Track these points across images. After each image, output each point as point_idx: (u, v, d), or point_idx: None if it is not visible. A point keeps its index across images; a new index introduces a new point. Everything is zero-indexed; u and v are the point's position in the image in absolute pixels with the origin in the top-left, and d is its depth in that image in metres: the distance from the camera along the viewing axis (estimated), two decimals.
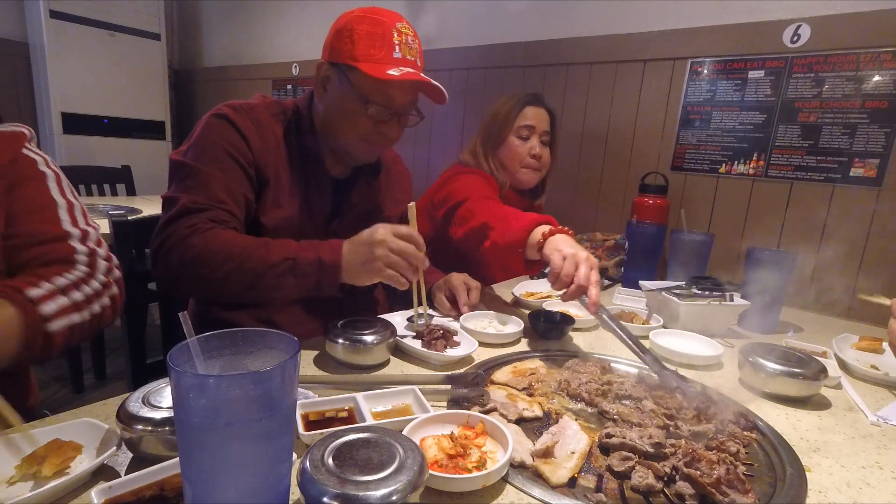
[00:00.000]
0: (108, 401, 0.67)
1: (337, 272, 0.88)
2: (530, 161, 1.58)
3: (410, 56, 0.99)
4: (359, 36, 0.96)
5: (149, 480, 0.50)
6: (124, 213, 1.78)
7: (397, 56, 0.97)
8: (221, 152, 0.95)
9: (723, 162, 1.74)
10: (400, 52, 0.97)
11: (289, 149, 1.05)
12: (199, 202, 0.91)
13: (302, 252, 0.88)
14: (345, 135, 1.04)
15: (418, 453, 0.47)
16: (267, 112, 1.05)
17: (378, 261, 0.86)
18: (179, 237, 0.88)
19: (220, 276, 0.87)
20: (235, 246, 0.88)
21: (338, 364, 0.86)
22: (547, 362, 0.92)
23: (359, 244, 0.88)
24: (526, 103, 1.58)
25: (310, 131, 1.08)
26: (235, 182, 0.96)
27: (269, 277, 0.87)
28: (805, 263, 1.59)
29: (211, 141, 0.96)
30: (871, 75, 1.46)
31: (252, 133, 0.99)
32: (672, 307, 1.17)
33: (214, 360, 0.43)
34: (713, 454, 0.60)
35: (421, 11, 2.49)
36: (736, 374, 0.94)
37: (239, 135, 0.97)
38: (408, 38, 0.99)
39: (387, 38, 0.96)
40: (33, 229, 0.78)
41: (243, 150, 0.97)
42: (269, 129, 1.03)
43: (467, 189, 1.40)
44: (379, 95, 0.99)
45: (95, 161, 3.14)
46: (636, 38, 1.86)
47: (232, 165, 0.96)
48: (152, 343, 1.26)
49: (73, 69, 3.26)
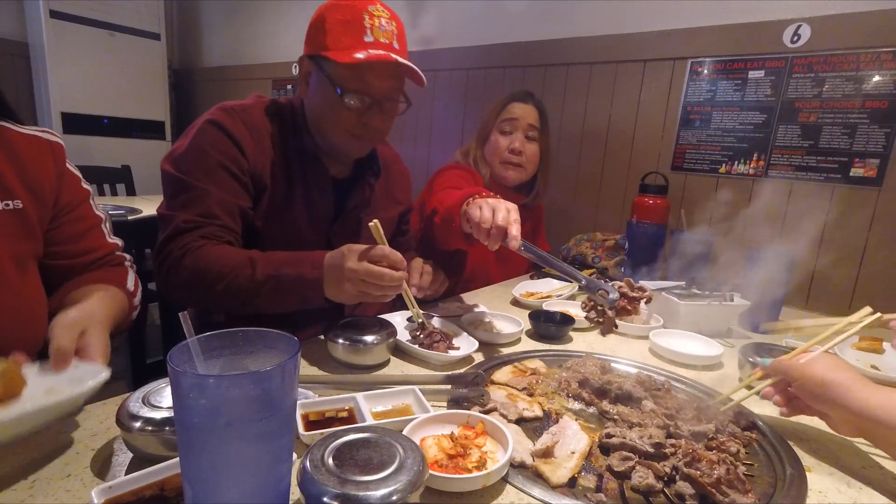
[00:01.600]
0: (108, 401, 0.67)
1: (319, 287, 0.86)
2: (508, 156, 1.58)
3: (384, 38, 0.95)
4: (330, 24, 0.94)
5: (149, 480, 0.50)
6: (124, 213, 1.78)
7: (368, 40, 0.93)
8: (214, 163, 0.94)
9: (723, 162, 1.74)
10: (372, 36, 0.94)
11: (286, 149, 1.04)
12: (192, 220, 0.91)
13: (284, 269, 0.87)
14: (330, 129, 1.02)
15: (418, 453, 0.47)
16: (262, 112, 1.04)
17: (349, 290, 0.83)
18: (174, 260, 0.89)
19: (215, 295, 0.88)
20: (223, 265, 0.88)
21: (338, 364, 0.86)
22: (547, 362, 0.92)
23: (333, 267, 0.85)
24: (512, 99, 1.60)
25: (306, 130, 1.07)
26: (229, 194, 0.95)
27: (259, 296, 0.87)
28: (805, 263, 1.59)
29: (204, 151, 0.94)
30: (871, 75, 1.46)
31: (246, 138, 0.98)
32: (672, 307, 1.17)
33: (214, 360, 0.43)
34: (713, 454, 0.60)
35: (421, 11, 2.49)
36: (736, 374, 0.94)
37: (232, 142, 0.96)
38: (381, 21, 0.95)
39: (357, 23, 0.93)
40: (89, 246, 0.86)
41: (237, 158, 0.96)
42: (264, 130, 1.02)
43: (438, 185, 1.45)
44: (352, 82, 0.96)
45: (95, 161, 3.14)
46: (636, 38, 1.86)
47: (224, 177, 0.95)
48: (152, 343, 1.26)
49: (73, 69, 3.25)
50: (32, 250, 0.78)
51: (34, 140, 0.80)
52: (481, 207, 0.94)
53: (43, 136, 0.82)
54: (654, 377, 0.85)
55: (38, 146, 0.80)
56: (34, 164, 0.78)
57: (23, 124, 0.81)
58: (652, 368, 0.92)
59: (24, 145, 0.78)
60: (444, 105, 2.44)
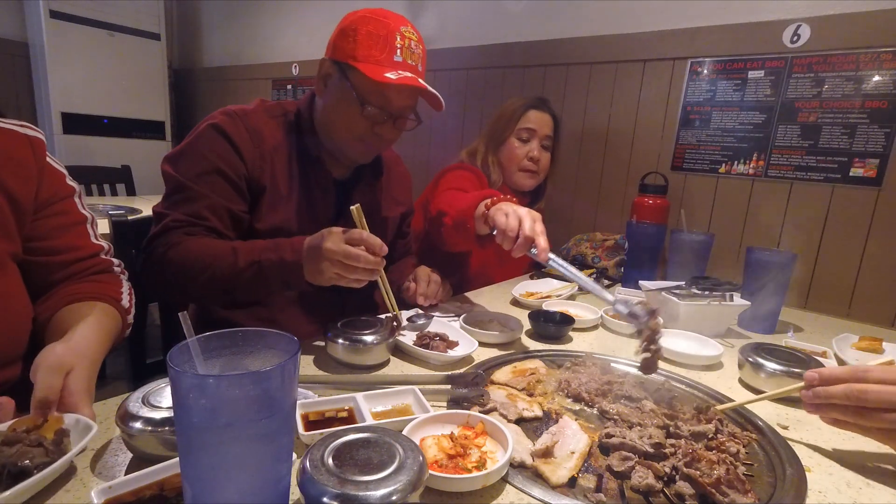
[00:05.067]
0: (108, 401, 0.67)
1: (300, 270, 0.88)
2: (527, 164, 1.61)
3: (412, 61, 0.99)
4: (362, 36, 0.96)
5: (149, 480, 0.50)
6: (124, 214, 1.78)
7: (398, 60, 0.97)
8: (209, 167, 0.96)
9: (723, 162, 1.74)
10: (401, 56, 0.97)
11: (289, 151, 1.05)
12: (180, 219, 0.94)
13: (265, 255, 0.89)
14: (341, 133, 1.04)
15: (418, 453, 0.47)
16: (266, 116, 1.05)
17: (326, 270, 0.84)
18: (158, 255, 0.92)
19: (199, 285, 0.91)
20: (206, 255, 0.90)
21: (338, 364, 0.86)
22: (547, 362, 0.92)
23: (312, 248, 0.86)
24: (530, 107, 1.62)
25: (311, 133, 1.08)
26: (221, 198, 0.97)
27: (241, 281, 0.89)
28: (805, 263, 1.59)
29: (201, 154, 0.97)
30: (871, 75, 1.46)
31: (245, 142, 0.99)
32: (672, 307, 1.17)
33: (214, 360, 0.43)
34: (713, 454, 0.60)
35: (421, 11, 2.49)
36: (736, 374, 0.94)
37: (231, 146, 0.98)
38: (411, 43, 0.99)
39: (389, 41, 0.96)
40: (70, 244, 0.83)
41: (234, 162, 0.98)
42: (266, 133, 1.03)
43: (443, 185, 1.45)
44: (376, 97, 0.99)
45: (95, 161, 3.14)
46: (636, 38, 1.86)
47: (218, 181, 0.97)
48: (152, 343, 1.26)
49: (73, 69, 3.25)
50: (9, 249, 0.75)
51: (11, 135, 0.78)
52: (507, 215, 0.97)
53: (21, 130, 0.79)
54: (655, 377, 0.85)
55: (16, 141, 0.78)
56: (11, 160, 0.75)
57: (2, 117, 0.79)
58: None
59: (2, 140, 0.75)
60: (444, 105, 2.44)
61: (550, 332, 1.06)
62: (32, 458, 0.49)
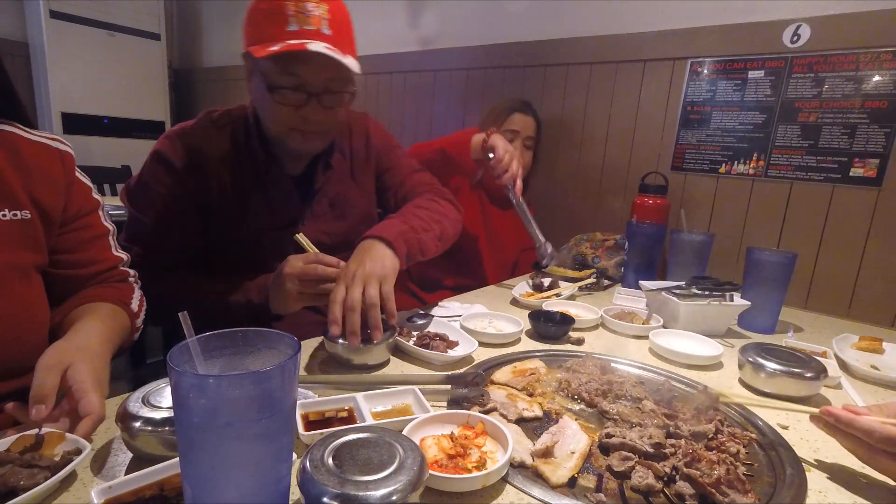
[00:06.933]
0: (108, 401, 0.67)
1: (266, 308, 0.94)
2: None
3: (311, 25, 0.88)
4: (254, 17, 0.91)
5: (149, 480, 0.50)
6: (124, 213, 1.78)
7: (292, 29, 0.87)
8: (155, 196, 1.00)
9: (723, 162, 1.74)
10: (296, 24, 0.87)
11: (237, 160, 1.04)
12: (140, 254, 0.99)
13: (233, 297, 0.97)
14: (273, 127, 1.00)
15: (418, 453, 0.47)
16: (211, 128, 1.04)
17: (291, 293, 0.88)
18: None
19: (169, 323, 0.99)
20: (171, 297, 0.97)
21: (338, 364, 0.86)
22: (547, 362, 0.92)
23: (276, 281, 0.91)
24: (514, 110, 1.75)
25: (258, 134, 1.04)
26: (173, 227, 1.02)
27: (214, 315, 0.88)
28: (805, 263, 1.59)
29: (147, 185, 1.01)
30: (871, 75, 1.46)
31: (185, 165, 1.00)
32: (672, 307, 1.17)
33: (214, 360, 0.43)
34: (713, 454, 0.60)
35: (421, 11, 2.48)
36: (736, 374, 0.94)
37: (171, 172, 1.00)
38: (306, 6, 0.88)
39: (279, 12, 0.87)
40: (93, 257, 0.85)
41: (175, 190, 1.00)
42: (207, 147, 1.02)
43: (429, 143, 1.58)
44: (281, 77, 0.91)
45: (95, 161, 3.13)
46: (636, 38, 1.86)
47: (166, 209, 1.01)
48: (152, 343, 1.26)
49: (73, 69, 3.25)
50: (36, 261, 0.77)
51: (43, 148, 0.79)
52: (507, 151, 1.30)
53: (52, 144, 0.81)
54: (655, 377, 0.86)
55: (48, 155, 0.79)
56: (43, 174, 0.77)
57: (33, 128, 0.80)
58: (652, 368, 0.92)
59: (34, 154, 0.77)
60: (444, 105, 2.43)
61: (550, 332, 1.06)
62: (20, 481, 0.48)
